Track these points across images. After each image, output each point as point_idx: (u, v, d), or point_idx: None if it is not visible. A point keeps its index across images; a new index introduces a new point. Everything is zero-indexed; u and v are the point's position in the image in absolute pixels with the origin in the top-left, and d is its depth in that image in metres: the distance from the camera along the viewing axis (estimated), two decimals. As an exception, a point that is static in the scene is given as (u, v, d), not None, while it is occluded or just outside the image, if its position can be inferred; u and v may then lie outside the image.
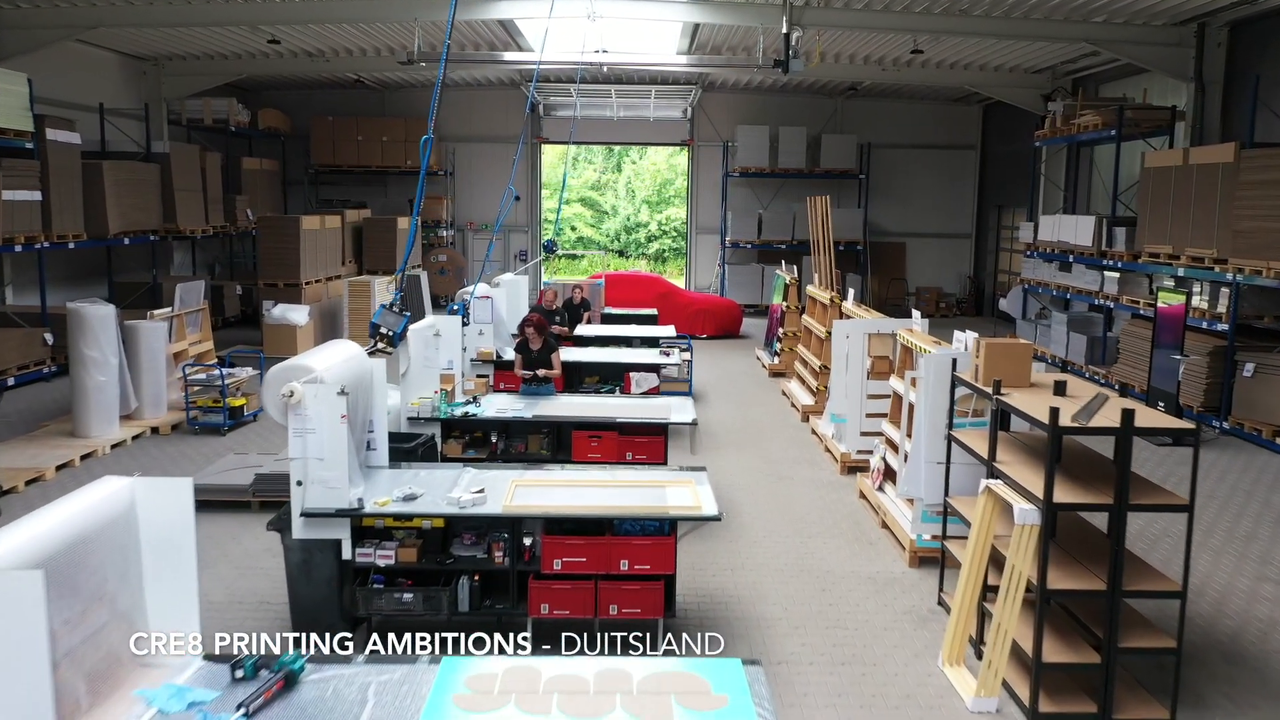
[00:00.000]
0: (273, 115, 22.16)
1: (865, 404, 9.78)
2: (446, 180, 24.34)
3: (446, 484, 6.05)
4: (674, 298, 19.47)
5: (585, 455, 8.04)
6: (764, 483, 9.58)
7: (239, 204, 19.82)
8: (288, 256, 16.29)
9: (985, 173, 24.63)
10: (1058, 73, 19.28)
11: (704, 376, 15.06)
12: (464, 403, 8.46)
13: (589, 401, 8.74)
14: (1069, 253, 15.99)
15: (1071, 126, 16.17)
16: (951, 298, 24.65)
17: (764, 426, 12.01)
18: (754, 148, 23.26)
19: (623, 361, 11.02)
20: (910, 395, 7.45)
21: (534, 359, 9.08)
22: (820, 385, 12.22)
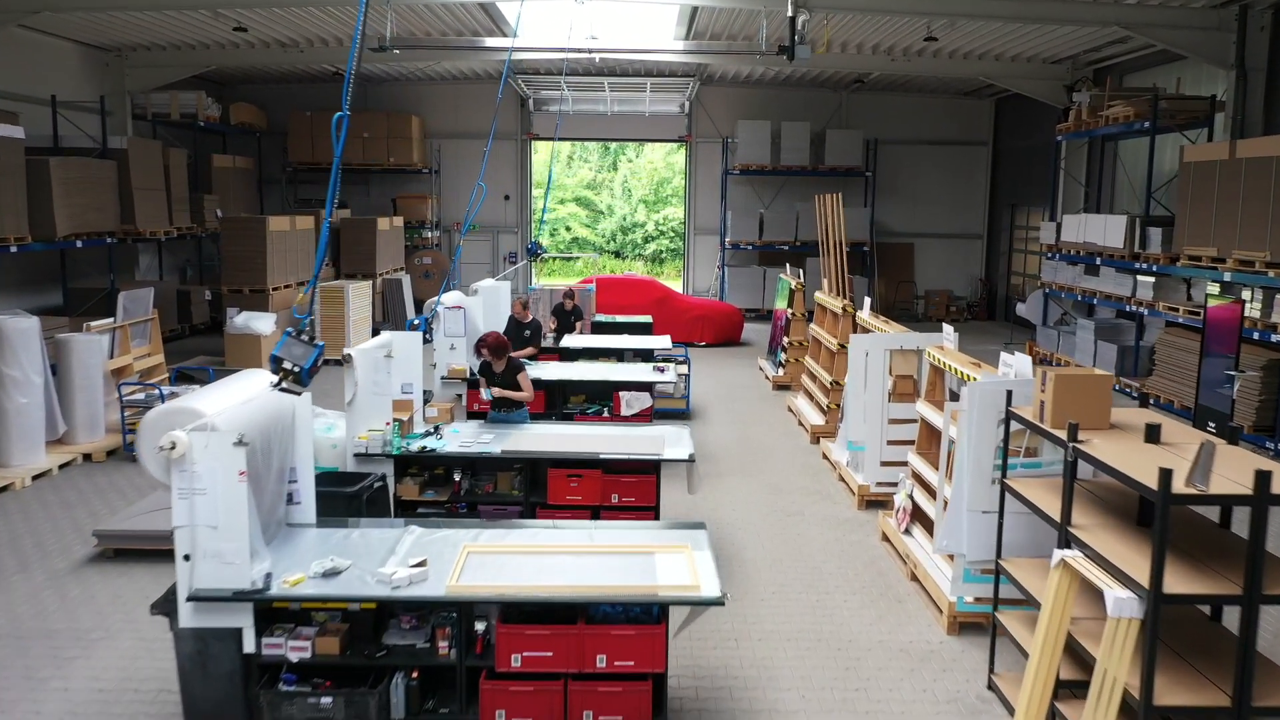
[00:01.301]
0: (246, 110, 20.95)
1: (886, 430, 8.59)
2: (431, 178, 23.13)
3: (382, 550, 4.86)
4: (670, 303, 18.28)
5: (563, 497, 6.85)
6: (771, 520, 8.39)
7: (207, 204, 18.61)
8: (253, 260, 15.08)
9: (997, 170, 23.44)
10: (1079, 63, 18.09)
11: (703, 389, 13.87)
12: (423, 434, 7.25)
13: (569, 431, 7.53)
14: (1096, 255, 14.80)
15: (1099, 119, 14.97)
16: (962, 301, 23.48)
17: (769, 449, 10.82)
18: (755, 144, 22.07)
19: (611, 380, 9.82)
20: (950, 430, 6.25)
21: (498, 382, 7.88)
22: (831, 403, 11.03)
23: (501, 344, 7.89)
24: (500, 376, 7.91)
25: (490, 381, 7.90)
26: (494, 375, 7.92)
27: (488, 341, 7.90)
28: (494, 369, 7.94)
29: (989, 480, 5.88)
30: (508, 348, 7.95)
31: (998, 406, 5.73)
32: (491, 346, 7.86)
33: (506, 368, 7.94)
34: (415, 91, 23.06)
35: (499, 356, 7.89)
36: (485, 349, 7.90)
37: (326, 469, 7.01)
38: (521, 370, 7.96)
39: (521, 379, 7.93)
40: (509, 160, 23.58)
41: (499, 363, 7.92)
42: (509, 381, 7.89)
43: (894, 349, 8.53)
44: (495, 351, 7.86)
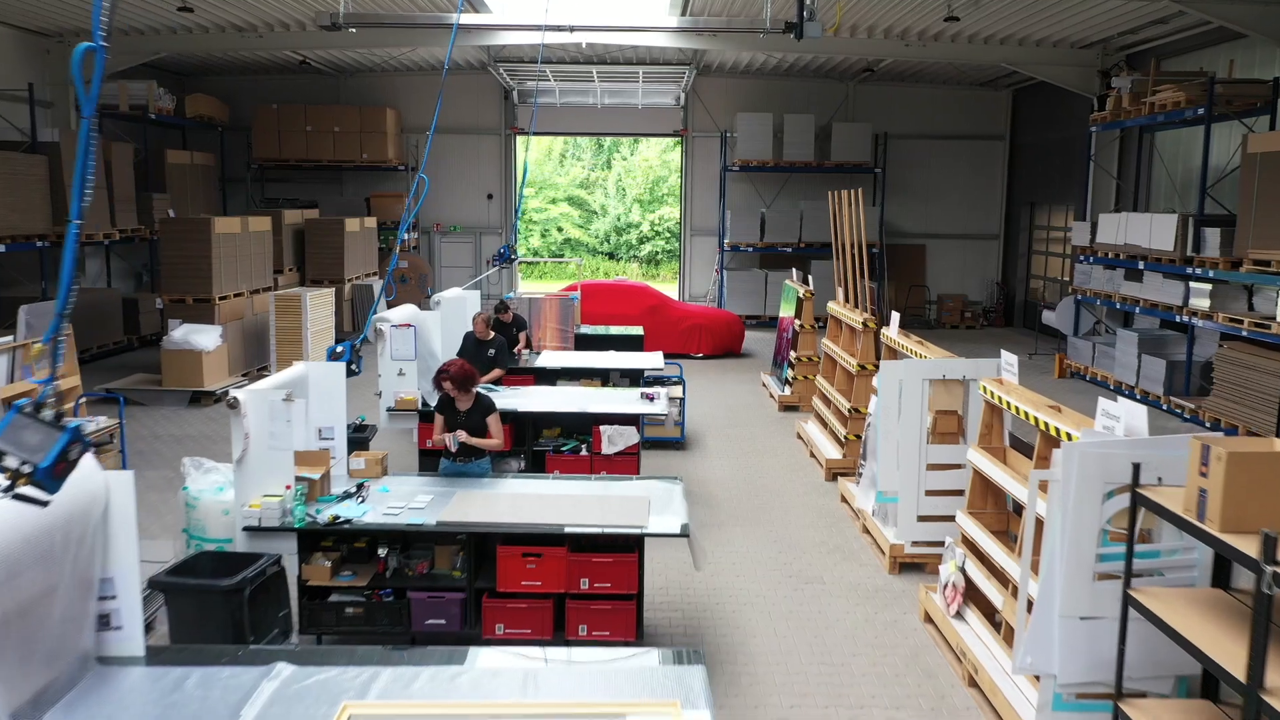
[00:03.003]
0: (204, 102, 19.33)
1: (924, 478, 7.00)
2: (408, 176, 21.52)
3: (225, 710, 3.28)
4: (664, 311, 16.69)
5: (517, 582, 5.25)
6: (783, 590, 6.80)
7: (157, 203, 16.99)
8: (196, 266, 13.46)
9: (1015, 166, 21.88)
10: (1110, 47, 16.53)
11: (700, 411, 12.29)
12: (340, 496, 5.66)
13: (531, 490, 5.92)
14: (1139, 258, 13.23)
15: (1141, 106, 13.40)
16: (977, 306, 21.93)
17: (778, 489, 9.23)
18: (756, 138, 20.48)
19: (590, 412, 8.23)
20: (1038, 506, 4.66)
21: (461, 423, 6.30)
22: (850, 434, 9.45)
23: (467, 376, 6.30)
24: (465, 417, 6.32)
25: (451, 422, 6.31)
26: (457, 415, 6.33)
27: (450, 372, 6.29)
28: (457, 407, 6.35)
29: (1090, 575, 4.32)
30: (474, 380, 6.36)
31: (1107, 477, 4.17)
32: (456, 378, 6.26)
33: (473, 406, 6.34)
34: (390, 83, 21.47)
35: (464, 391, 6.30)
36: (447, 381, 6.29)
37: (218, 541, 5.44)
38: (492, 411, 6.36)
39: (492, 422, 6.32)
40: (492, 157, 21.99)
41: (464, 399, 6.33)
42: (475, 424, 6.29)
43: (933, 378, 6.94)
44: (460, 385, 6.26)
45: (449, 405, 6.38)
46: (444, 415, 6.36)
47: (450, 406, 6.37)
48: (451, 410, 6.37)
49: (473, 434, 6.23)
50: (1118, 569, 4.27)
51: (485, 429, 6.33)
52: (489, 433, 6.33)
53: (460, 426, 6.23)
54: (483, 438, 6.27)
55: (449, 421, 6.30)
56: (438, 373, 6.31)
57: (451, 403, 6.36)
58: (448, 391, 6.28)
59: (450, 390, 6.26)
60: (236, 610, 4.69)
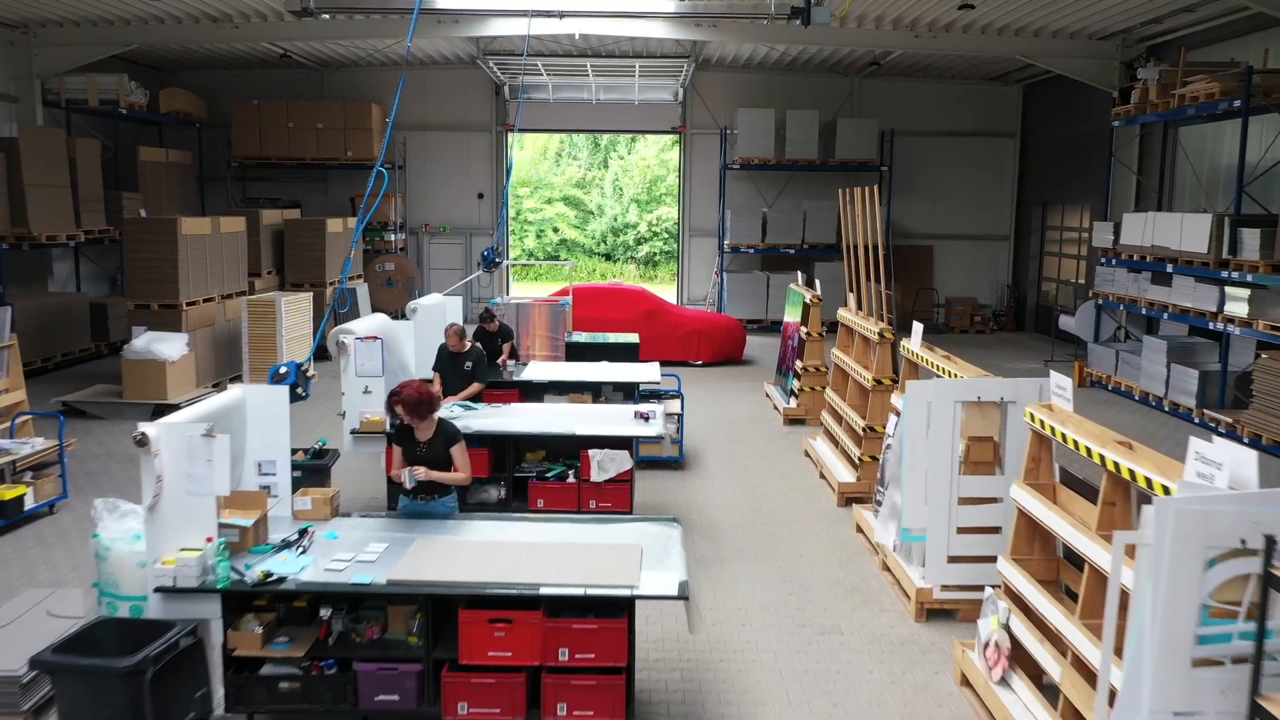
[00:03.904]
0: (179, 97, 18.46)
1: (956, 513, 6.16)
2: (396, 175, 20.66)
3: None
4: (662, 316, 15.85)
5: (484, 654, 4.40)
6: (796, 642, 5.96)
7: (128, 203, 16.13)
8: (162, 269, 12.60)
9: (1026, 164, 21.05)
10: (1131, 38, 15.70)
11: (699, 425, 11.45)
12: (278, 546, 4.81)
13: (500, 538, 5.05)
14: (1167, 260, 12.40)
15: (1170, 99, 12.57)
16: (987, 310, 21.11)
17: (786, 517, 8.39)
18: (757, 135, 19.64)
19: (578, 434, 7.38)
20: (1123, 575, 3.81)
21: (422, 455, 5.46)
22: (864, 455, 8.60)
23: (424, 400, 5.44)
24: (426, 448, 5.46)
25: (410, 454, 5.47)
26: (416, 446, 5.48)
27: (403, 395, 5.44)
28: (415, 437, 5.50)
29: (1186, 662, 3.48)
30: (433, 405, 5.50)
31: (1210, 540, 3.34)
32: (409, 403, 5.40)
33: (435, 435, 5.49)
34: (377, 77, 20.62)
35: (421, 417, 5.44)
36: (400, 405, 5.44)
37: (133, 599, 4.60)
38: (457, 440, 5.50)
39: (457, 453, 5.46)
40: (483, 155, 21.13)
41: (424, 427, 5.48)
42: (437, 456, 5.44)
43: (966, 400, 6.10)
44: (415, 410, 5.41)
45: (407, 434, 5.53)
46: (401, 446, 5.51)
47: (408, 436, 5.53)
48: (410, 440, 5.52)
49: (434, 468, 5.38)
50: (1221, 653, 3.44)
51: (449, 462, 5.48)
52: (454, 465, 5.48)
53: (419, 460, 5.39)
54: (441, 471, 5.42)
55: (407, 453, 5.45)
56: (390, 395, 5.46)
57: (409, 431, 5.51)
58: (401, 417, 5.43)
59: (405, 417, 5.41)
60: (137, 696, 3.85)
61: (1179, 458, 3.98)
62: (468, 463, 5.52)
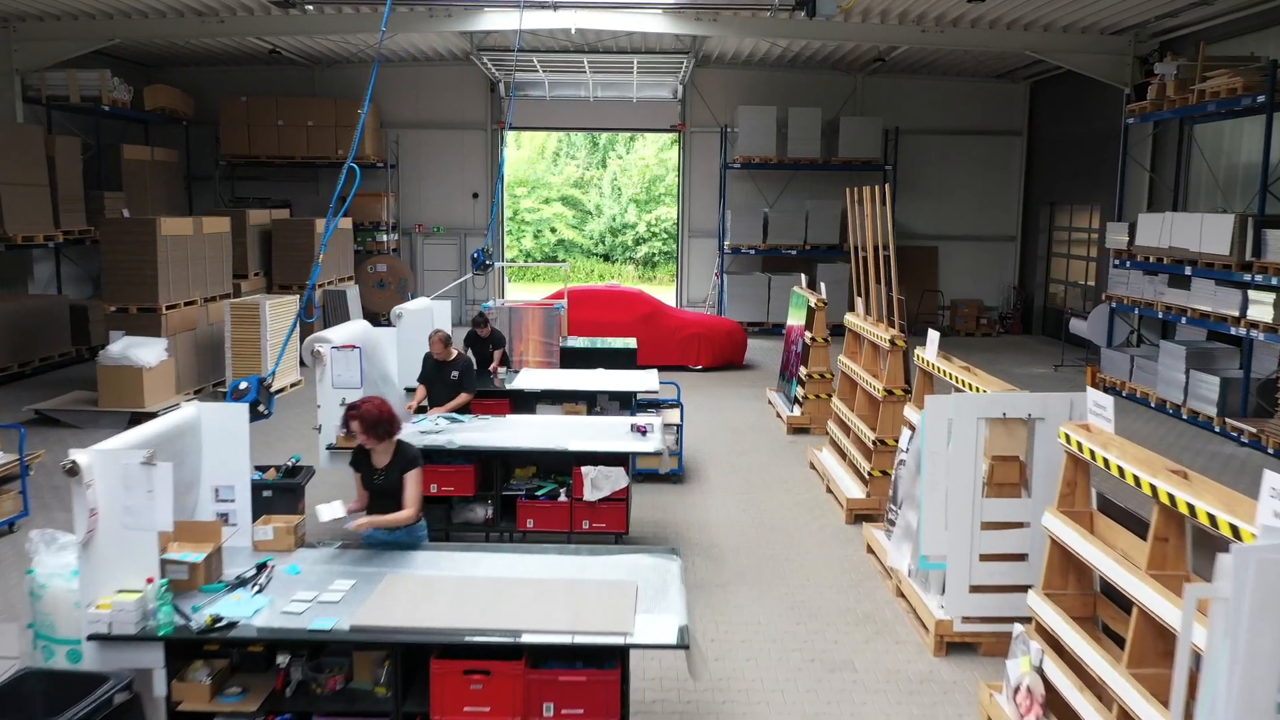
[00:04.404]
0: (164, 93, 17.97)
1: (978, 539, 5.68)
2: (387, 173, 20.17)
3: None
4: (660, 319, 15.37)
5: (458, 709, 3.92)
6: (806, 678, 5.48)
7: (110, 202, 15.64)
8: (141, 271, 12.11)
9: (1033, 163, 20.57)
10: (1144, 33, 15.23)
11: (700, 435, 10.97)
12: (233, 583, 4.33)
13: (479, 573, 4.55)
14: (1186, 262, 11.93)
15: (1189, 95, 12.10)
16: (993, 313, 20.62)
17: (792, 535, 7.91)
18: (758, 133, 19.15)
19: (571, 450, 6.89)
20: (1194, 632, 3.32)
21: (379, 483, 4.96)
22: (874, 469, 8.13)
23: (382, 419, 4.95)
24: (383, 475, 4.98)
25: (368, 481, 4.99)
26: (373, 473, 5.00)
27: (363, 411, 4.95)
28: (372, 461, 5.02)
29: (1267, 733, 3.00)
30: (394, 426, 5.02)
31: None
32: (369, 420, 4.91)
33: (394, 459, 5.01)
34: (368, 74, 19.98)
35: (380, 437, 4.96)
36: (358, 422, 4.94)
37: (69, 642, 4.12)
38: (414, 466, 5.00)
39: (410, 482, 4.96)
40: (478, 153, 20.63)
41: (382, 449, 5.00)
42: (394, 484, 4.95)
43: (990, 417, 5.62)
44: (374, 429, 4.92)
45: (364, 458, 5.04)
46: (360, 471, 5.02)
47: (365, 460, 5.04)
48: (367, 465, 5.03)
49: (391, 497, 4.88)
50: (1307, 725, 2.96)
51: (399, 488, 4.94)
52: (404, 494, 4.94)
53: (375, 487, 4.90)
54: (401, 504, 4.90)
55: (365, 480, 4.97)
56: (348, 408, 4.95)
57: (366, 456, 5.02)
58: (357, 437, 4.93)
59: (361, 436, 4.91)
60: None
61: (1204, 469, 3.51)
62: (418, 495, 4.95)
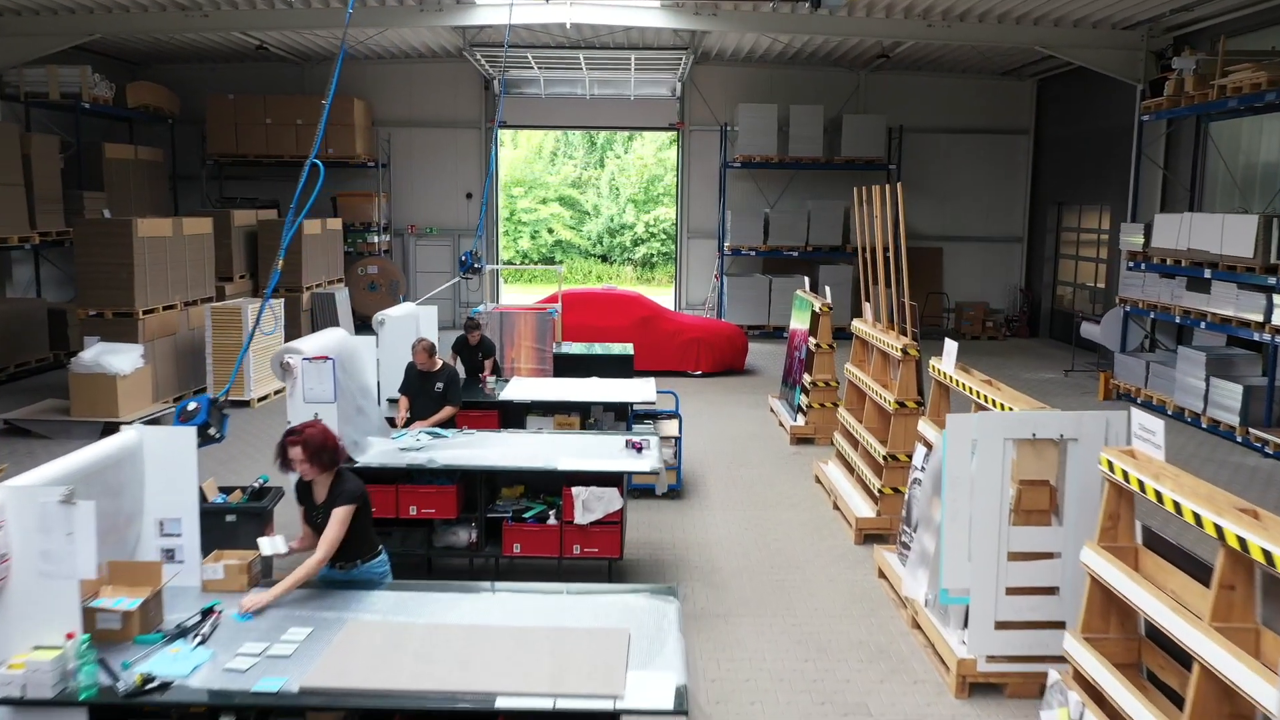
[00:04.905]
0: (148, 91, 17.47)
1: (1005, 571, 5.19)
2: (379, 173, 19.68)
3: None
4: (658, 323, 14.88)
5: (424, 782, 3.44)
6: (816, 724, 5.00)
7: (90, 202, 15.14)
8: (116, 274, 11.62)
9: (1040, 162, 20.10)
10: (1157, 27, 14.74)
11: (699, 445, 10.48)
12: (171, 634, 3.83)
13: (450, 620, 4.05)
14: (1206, 265, 11.45)
15: (1209, 91, 11.62)
16: (999, 315, 20.13)
17: (798, 557, 7.42)
18: (759, 131, 18.66)
19: (561, 470, 6.40)
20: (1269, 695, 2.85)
21: (320, 520, 4.43)
22: (885, 486, 7.64)
23: (326, 446, 4.42)
24: (321, 511, 4.44)
25: (310, 517, 4.48)
26: (314, 509, 4.49)
27: (305, 437, 4.36)
28: (313, 494, 4.50)
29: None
30: (336, 454, 4.49)
31: None
32: (311, 446, 4.34)
33: (332, 492, 4.45)
34: (360, 71, 19.62)
35: (324, 466, 4.42)
36: (299, 448, 4.33)
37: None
38: (346, 501, 4.39)
39: (336, 517, 4.33)
40: (472, 152, 20.14)
41: (321, 481, 4.46)
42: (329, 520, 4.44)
43: (1018, 438, 5.13)
44: (317, 457, 4.38)
45: (306, 491, 4.52)
46: (303, 505, 4.53)
47: (307, 494, 4.52)
48: (308, 499, 4.51)
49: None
50: None
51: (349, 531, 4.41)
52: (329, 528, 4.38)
53: (316, 526, 4.39)
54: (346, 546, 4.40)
55: (308, 515, 4.47)
56: (286, 434, 4.42)
57: (308, 488, 4.51)
58: (296, 467, 4.39)
59: (302, 466, 4.37)
60: None
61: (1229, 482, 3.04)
62: (338, 535, 4.34)
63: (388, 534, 6.43)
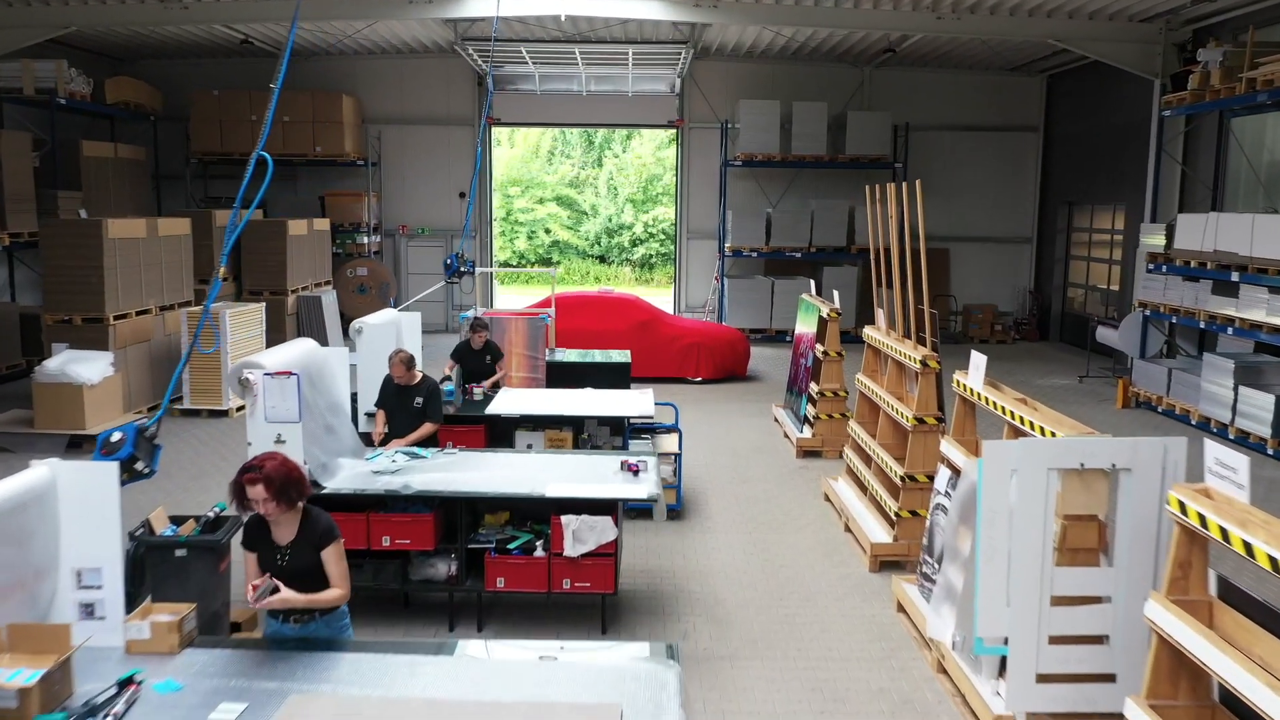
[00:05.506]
0: (129, 86, 16.86)
1: (1048, 617, 4.60)
2: (369, 172, 19.08)
3: None
4: (657, 327, 14.30)
5: None
6: (835, 793, 4.41)
7: (64, 202, 14.52)
8: (85, 278, 11.03)
9: (1050, 161, 19.53)
10: (1176, 20, 14.16)
11: (700, 459, 9.89)
12: (80, 712, 3.23)
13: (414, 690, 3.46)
14: (1234, 268, 10.87)
15: (1237, 84, 11.04)
16: (1008, 318, 19.57)
17: (808, 588, 6.83)
18: (761, 129, 18.08)
19: (549, 497, 5.81)
20: None
21: (283, 565, 3.85)
22: (903, 509, 7.05)
23: (292, 479, 3.85)
24: (290, 553, 3.87)
25: (267, 561, 3.89)
26: (274, 552, 3.90)
27: (267, 473, 3.78)
28: (273, 537, 3.91)
29: None
30: (303, 487, 3.91)
31: None
32: (275, 483, 3.77)
33: (301, 534, 3.88)
34: (349, 66, 19.06)
35: (290, 504, 3.85)
36: (261, 486, 3.75)
37: None
38: (331, 539, 3.90)
39: (331, 559, 3.86)
40: (465, 151, 19.53)
41: (284, 521, 3.87)
42: (306, 564, 3.85)
43: (1064, 468, 4.54)
44: (283, 494, 3.81)
45: (261, 532, 3.93)
46: (256, 551, 3.93)
47: (263, 535, 3.92)
48: (265, 542, 3.91)
49: (300, 582, 3.79)
50: None
51: (319, 571, 3.87)
52: (328, 575, 3.87)
53: (280, 570, 3.80)
54: (316, 589, 3.83)
55: (264, 561, 3.88)
56: (242, 470, 3.82)
57: (264, 528, 3.92)
58: (259, 508, 3.81)
59: (265, 506, 3.79)
60: None
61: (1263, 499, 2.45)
62: (344, 572, 3.88)
63: (359, 566, 5.84)
